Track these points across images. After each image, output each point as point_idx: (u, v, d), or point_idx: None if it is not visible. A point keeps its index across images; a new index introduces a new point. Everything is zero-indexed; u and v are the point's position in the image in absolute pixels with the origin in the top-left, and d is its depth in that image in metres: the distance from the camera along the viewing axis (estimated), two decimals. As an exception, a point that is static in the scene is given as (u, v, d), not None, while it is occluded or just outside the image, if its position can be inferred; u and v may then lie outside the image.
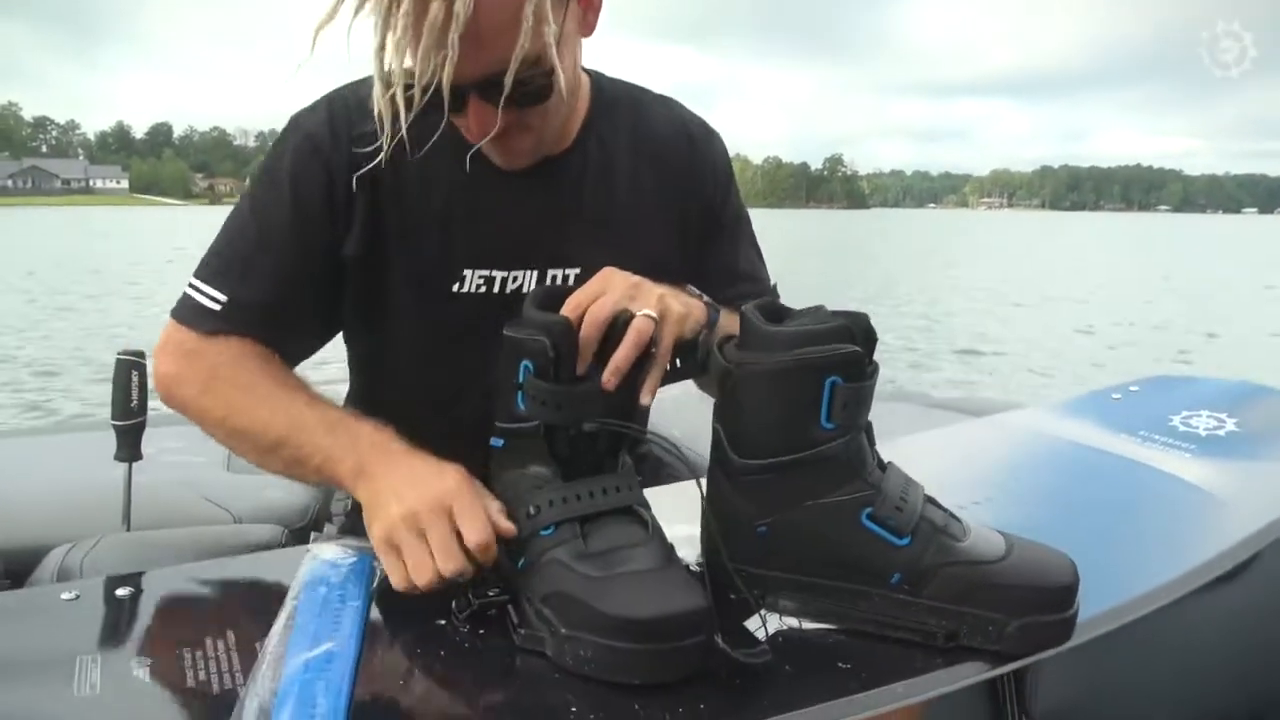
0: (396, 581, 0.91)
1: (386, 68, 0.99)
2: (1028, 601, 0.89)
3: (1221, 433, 1.51)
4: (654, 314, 0.98)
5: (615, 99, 1.28)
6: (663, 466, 1.66)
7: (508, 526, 0.92)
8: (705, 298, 1.13)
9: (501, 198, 1.19)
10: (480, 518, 0.91)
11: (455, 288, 1.19)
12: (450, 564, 0.89)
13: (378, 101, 1.01)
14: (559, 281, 1.20)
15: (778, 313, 0.95)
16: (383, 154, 1.05)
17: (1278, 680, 1.53)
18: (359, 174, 1.12)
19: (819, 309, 0.95)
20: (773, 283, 1.39)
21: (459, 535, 0.90)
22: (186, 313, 1.15)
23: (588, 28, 1.12)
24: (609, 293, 0.97)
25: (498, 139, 1.08)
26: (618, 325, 0.94)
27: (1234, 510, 1.23)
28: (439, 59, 0.96)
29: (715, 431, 0.97)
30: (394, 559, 0.92)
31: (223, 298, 1.13)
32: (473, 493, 0.94)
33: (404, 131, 1.00)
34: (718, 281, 1.27)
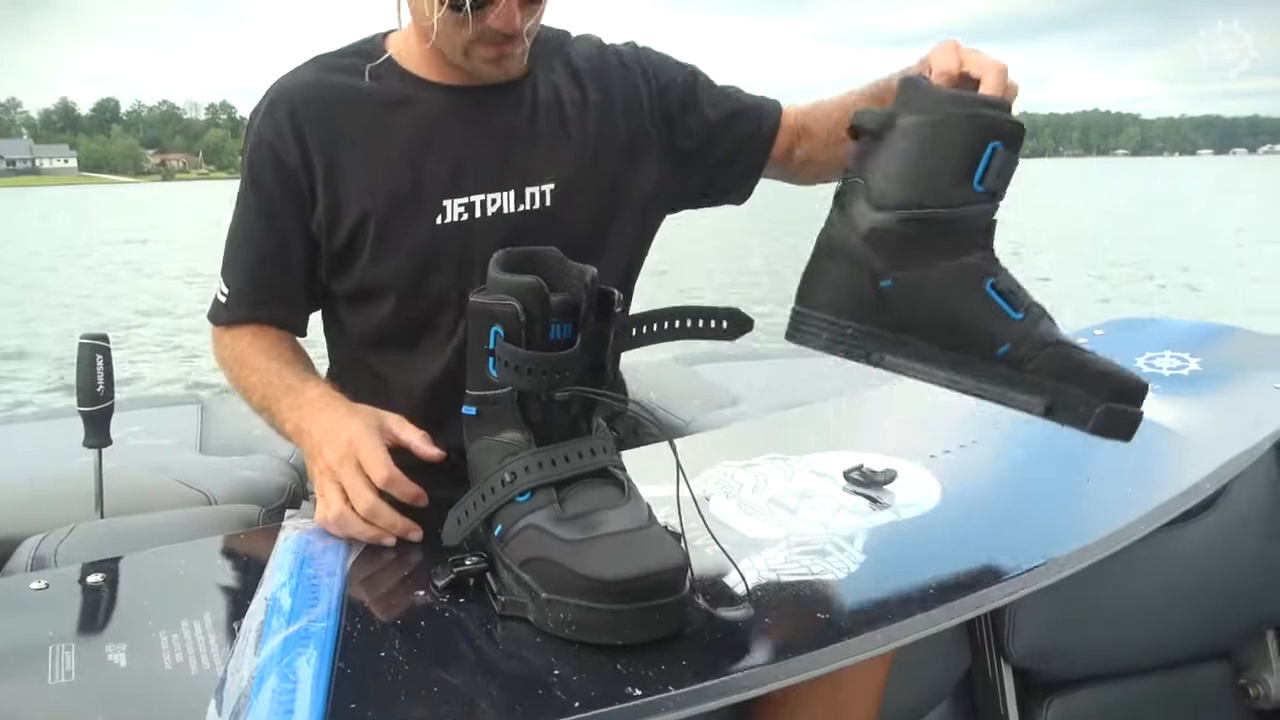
0: (326, 528, 1.02)
1: None
2: (1114, 390, 0.95)
3: (1185, 372, 1.54)
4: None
5: (542, 38, 1.32)
6: (639, 427, 1.67)
7: (411, 439, 1.04)
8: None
9: (464, 127, 1.23)
10: (379, 458, 1.01)
11: (438, 219, 1.21)
12: (360, 503, 0.99)
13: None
14: (536, 198, 1.22)
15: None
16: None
17: (1247, 612, 1.57)
18: (318, 148, 1.20)
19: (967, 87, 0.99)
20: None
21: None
22: (211, 310, 1.30)
23: None
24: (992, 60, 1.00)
25: (505, 42, 1.15)
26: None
27: (1199, 447, 1.25)
28: None
29: (850, 187, 0.97)
30: (321, 507, 1.02)
31: (227, 290, 1.27)
32: (372, 438, 1.03)
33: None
34: (749, 125, 1.36)
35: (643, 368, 2.30)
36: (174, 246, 21.80)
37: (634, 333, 1.02)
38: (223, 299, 1.28)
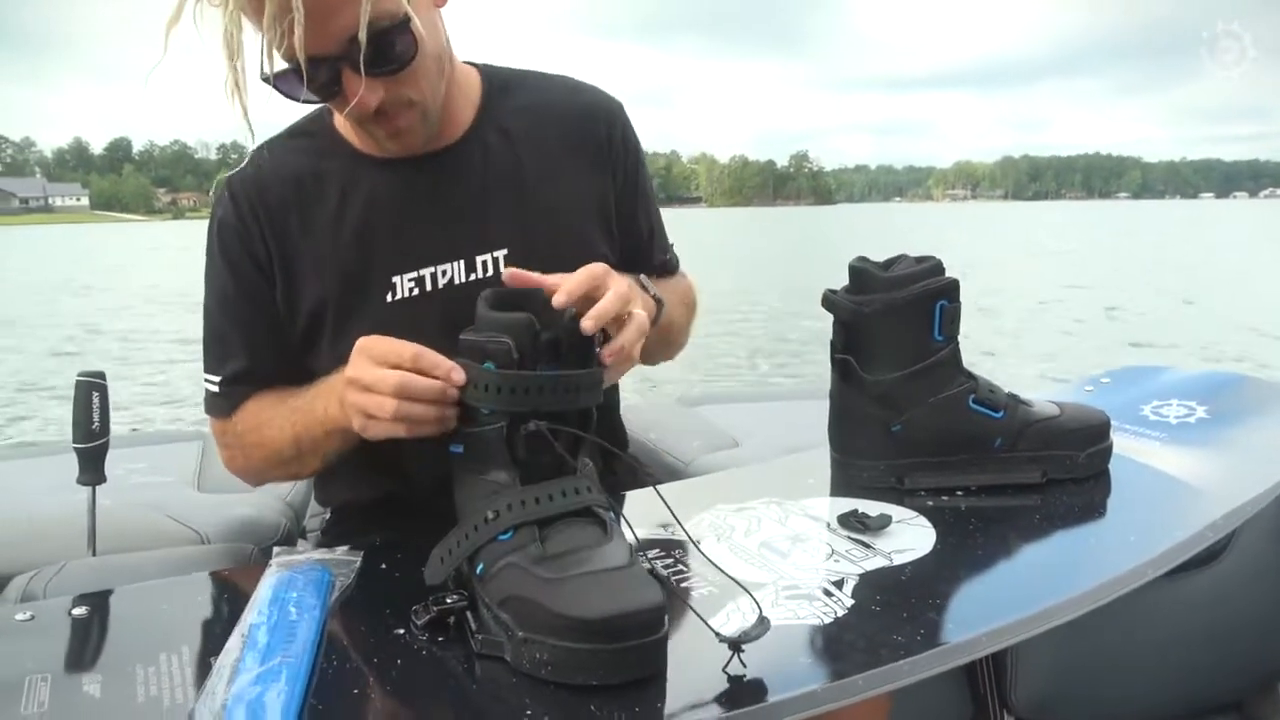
0: (361, 422, 1.00)
1: (235, 49, 0.99)
2: (1087, 437, 1.25)
3: (1192, 420, 1.51)
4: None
5: (507, 82, 1.30)
6: (638, 466, 1.66)
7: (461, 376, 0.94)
8: (652, 290, 1.19)
9: (410, 200, 1.21)
10: (396, 344, 0.97)
11: (389, 297, 1.20)
12: (389, 383, 0.95)
13: (226, 86, 1.01)
14: (489, 265, 1.21)
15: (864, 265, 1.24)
16: (250, 151, 1.14)
17: (1257, 662, 1.54)
18: (275, 238, 1.20)
19: (903, 257, 1.24)
20: (670, 242, 1.46)
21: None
22: (207, 405, 1.28)
23: None
24: (614, 289, 0.98)
25: (384, 119, 1.10)
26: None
27: (1205, 494, 1.23)
28: (286, 24, 0.96)
29: (843, 362, 1.25)
30: (361, 396, 0.98)
31: (217, 379, 1.25)
32: (381, 339, 0.99)
33: (248, 122, 1.05)
34: (647, 246, 1.37)
35: (643, 408, 2.30)
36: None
37: None
38: (217, 388, 1.25)
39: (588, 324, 0.92)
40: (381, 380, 0.95)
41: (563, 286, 0.95)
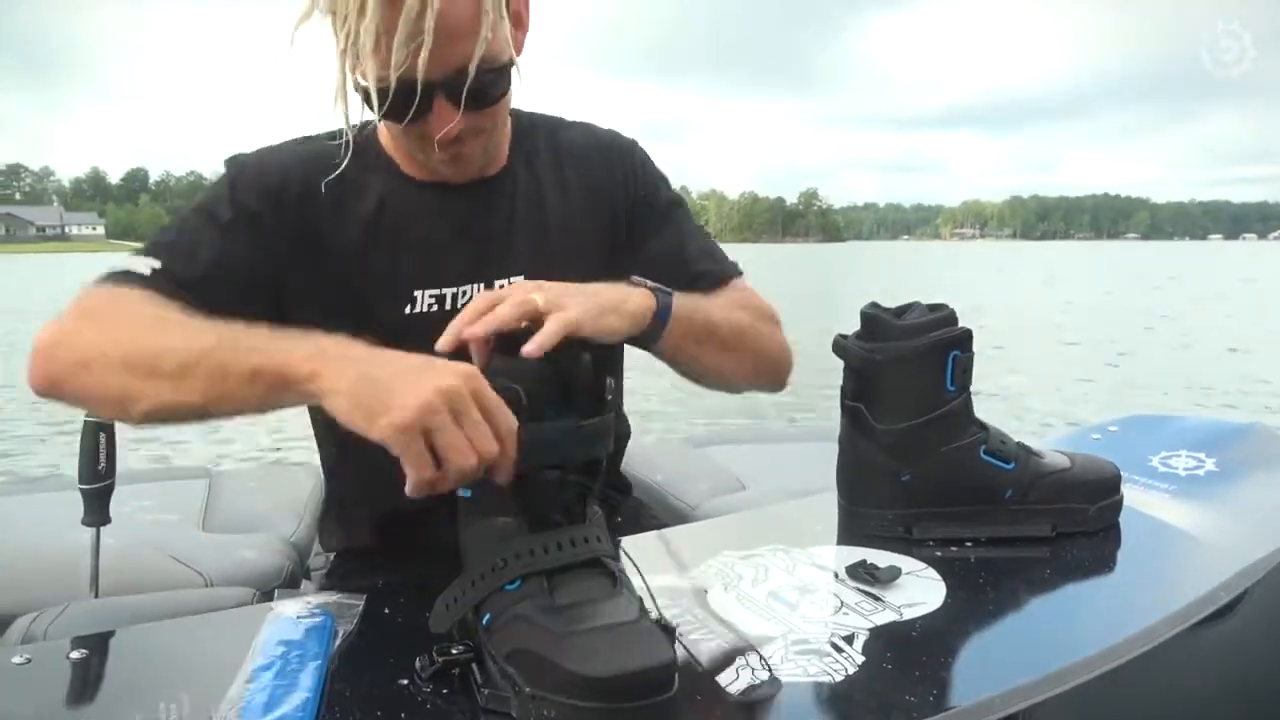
0: (420, 477, 0.84)
1: (350, 68, 1.05)
2: (1097, 490, 1.25)
3: (1201, 472, 1.50)
4: (534, 299, 0.97)
5: (533, 124, 1.36)
6: (643, 509, 1.65)
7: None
8: (650, 284, 1.15)
9: (444, 222, 1.25)
10: (505, 407, 0.85)
11: (407, 309, 1.22)
12: (489, 447, 0.83)
13: (336, 102, 1.07)
14: None
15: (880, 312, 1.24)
16: (344, 157, 1.15)
17: (1272, 718, 1.51)
18: (301, 211, 1.19)
19: (916, 304, 1.24)
20: (733, 260, 1.41)
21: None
22: (102, 278, 1.07)
23: (518, 47, 1.18)
24: (510, 298, 0.98)
25: (454, 144, 1.14)
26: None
27: (1217, 550, 1.22)
28: (413, 48, 1.01)
29: (854, 409, 1.24)
30: (418, 448, 0.83)
31: (156, 264, 1.09)
32: (481, 379, 0.86)
33: (350, 136, 1.09)
34: (671, 270, 1.29)
35: (650, 449, 2.28)
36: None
37: None
38: (141, 270, 1.08)
39: (476, 330, 0.93)
40: (486, 441, 0.85)
41: (534, 341, 0.92)
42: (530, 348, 0.90)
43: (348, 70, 1.07)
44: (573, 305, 0.98)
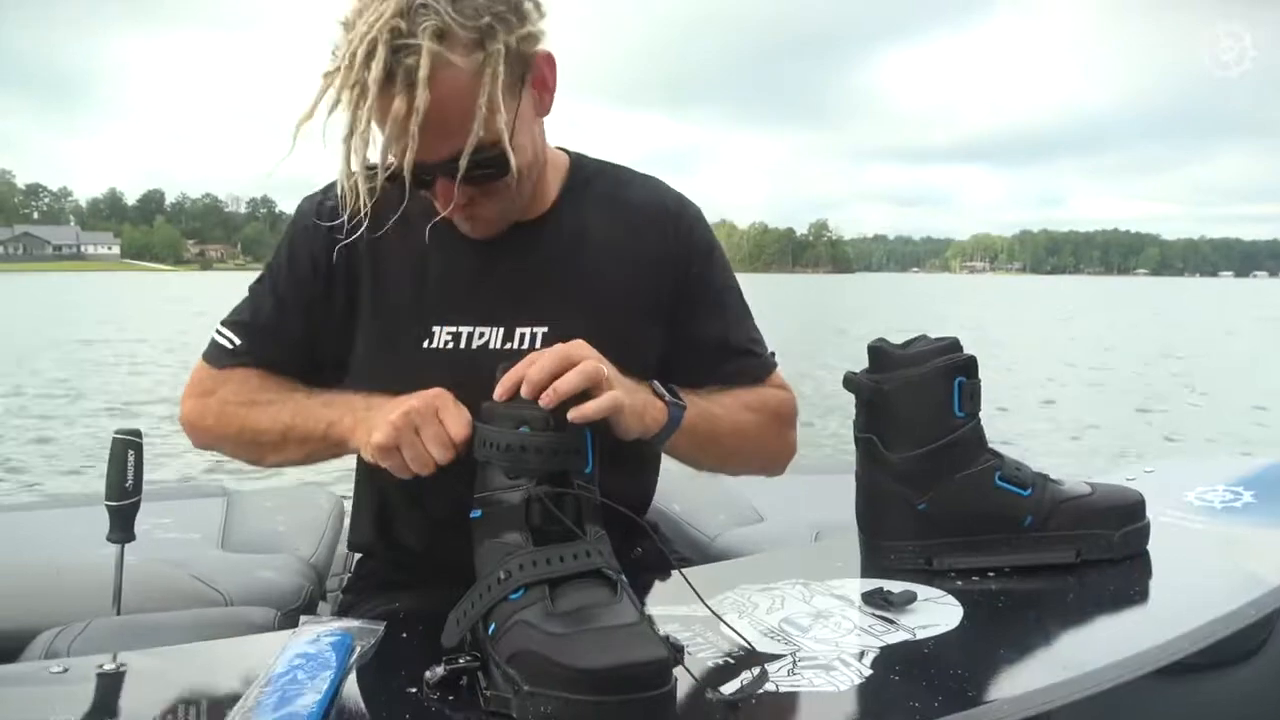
0: (402, 478, 1.08)
1: (354, 153, 1.09)
2: (1122, 516, 1.24)
3: (1238, 505, 1.48)
4: (603, 371, 1.05)
5: (595, 173, 1.36)
6: (665, 546, 1.64)
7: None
8: (669, 396, 1.18)
9: (473, 260, 1.27)
10: (463, 414, 1.05)
11: (425, 343, 1.25)
12: (443, 452, 1.04)
13: (342, 182, 1.12)
14: (526, 338, 1.25)
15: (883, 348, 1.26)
16: (345, 230, 1.18)
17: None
18: (338, 246, 1.25)
19: (922, 337, 1.26)
20: (770, 351, 1.40)
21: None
22: (211, 352, 1.32)
23: (544, 108, 1.22)
24: (581, 368, 1.02)
25: (463, 210, 1.18)
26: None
27: (1250, 574, 1.20)
28: (400, 147, 1.06)
29: (866, 440, 1.24)
30: (395, 458, 1.07)
31: (236, 340, 1.30)
32: (453, 398, 1.08)
33: (366, 209, 1.12)
34: (711, 355, 1.33)
35: (669, 479, 2.29)
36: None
37: None
38: (227, 344, 1.30)
39: (547, 398, 0.99)
40: (436, 440, 1.05)
41: (581, 411, 1.00)
42: (576, 415, 0.99)
43: (357, 157, 1.11)
44: (622, 391, 1.07)
